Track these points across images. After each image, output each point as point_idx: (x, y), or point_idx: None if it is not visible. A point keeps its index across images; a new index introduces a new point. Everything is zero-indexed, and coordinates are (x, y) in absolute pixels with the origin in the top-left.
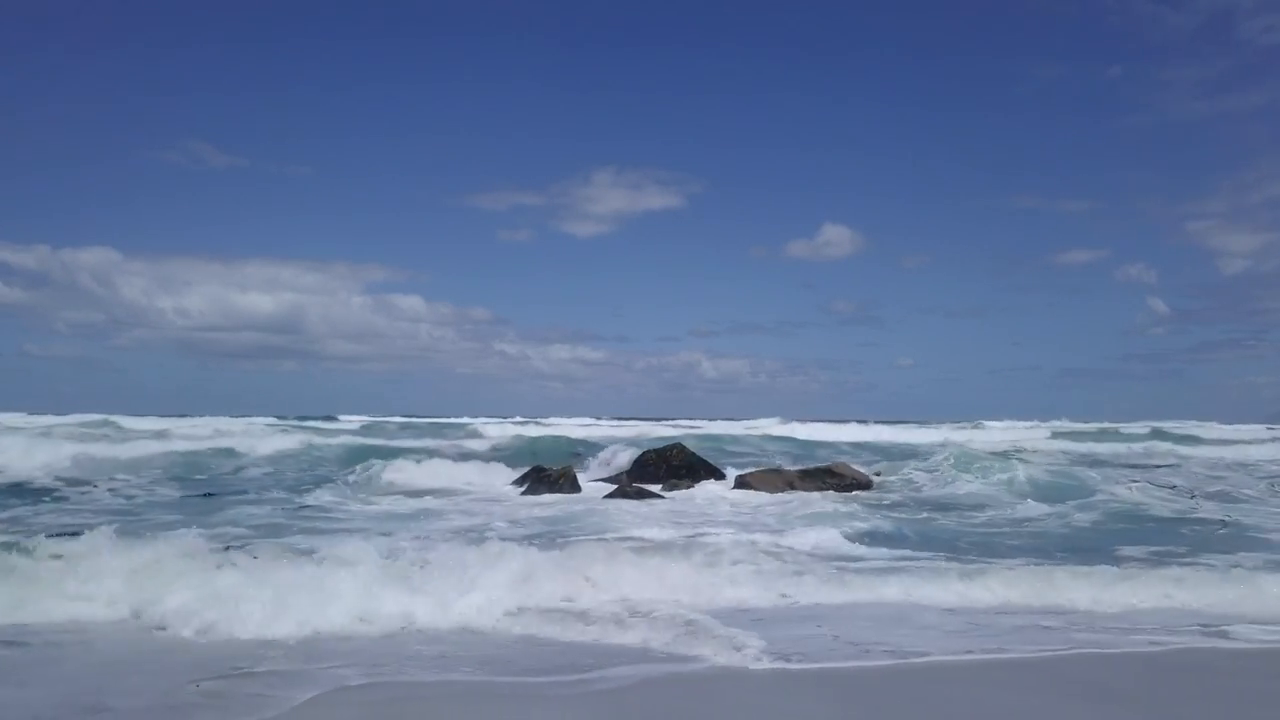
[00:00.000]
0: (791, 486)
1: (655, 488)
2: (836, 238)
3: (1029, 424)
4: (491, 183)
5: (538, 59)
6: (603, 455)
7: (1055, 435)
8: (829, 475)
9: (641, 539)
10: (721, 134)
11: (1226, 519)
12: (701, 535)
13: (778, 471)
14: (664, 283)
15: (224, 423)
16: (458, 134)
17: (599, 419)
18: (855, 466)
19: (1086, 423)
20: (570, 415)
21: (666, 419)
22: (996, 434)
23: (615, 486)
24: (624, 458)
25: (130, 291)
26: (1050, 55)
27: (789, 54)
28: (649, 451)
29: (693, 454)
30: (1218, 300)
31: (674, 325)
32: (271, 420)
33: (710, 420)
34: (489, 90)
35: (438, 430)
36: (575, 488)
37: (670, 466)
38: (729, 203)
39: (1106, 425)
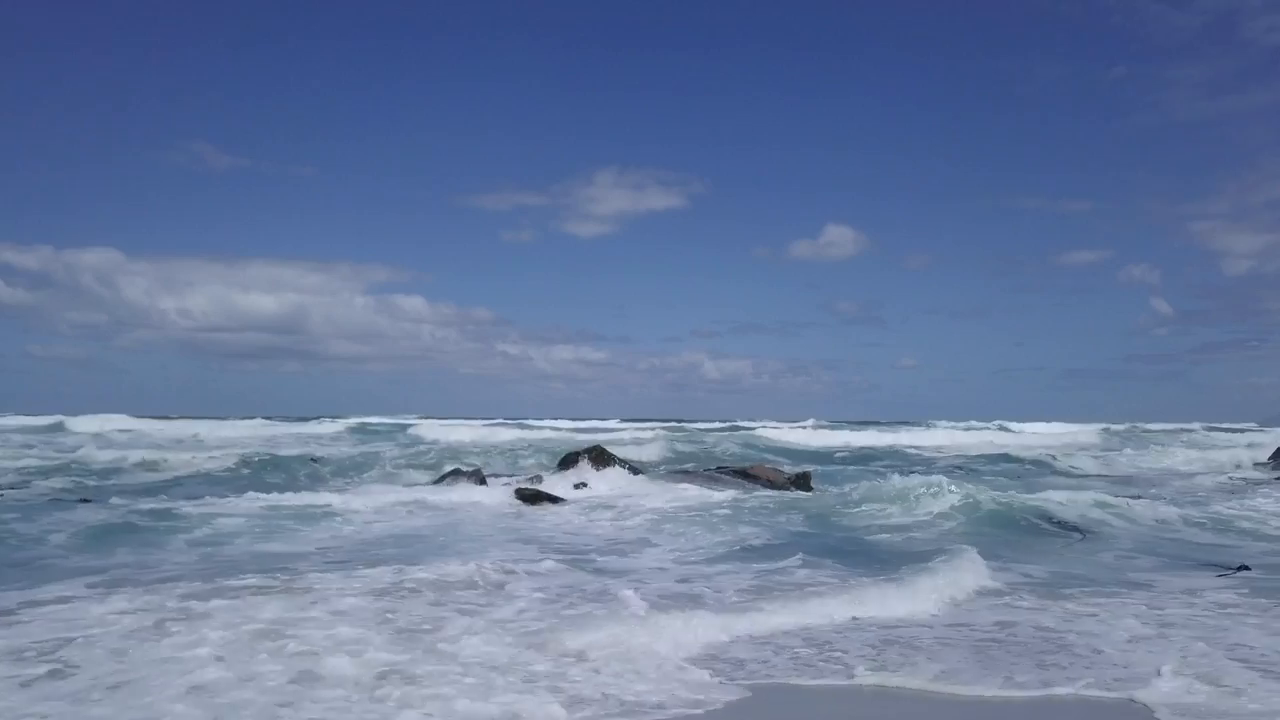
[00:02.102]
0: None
1: (557, 490)
2: (839, 238)
3: (1084, 426)
4: (494, 183)
5: (538, 59)
6: None
7: (1088, 437)
8: (744, 476)
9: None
10: (724, 134)
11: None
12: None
13: (685, 473)
14: (666, 283)
15: (206, 425)
16: (459, 134)
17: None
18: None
19: (1125, 424)
20: (570, 416)
21: (683, 419)
22: (1027, 438)
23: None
24: None
25: (133, 292)
26: (1053, 55)
27: (790, 54)
28: (571, 453)
29: (611, 455)
30: (1221, 301)
31: (676, 326)
32: (259, 422)
33: (752, 421)
34: (490, 90)
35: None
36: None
37: None
38: (731, 203)
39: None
